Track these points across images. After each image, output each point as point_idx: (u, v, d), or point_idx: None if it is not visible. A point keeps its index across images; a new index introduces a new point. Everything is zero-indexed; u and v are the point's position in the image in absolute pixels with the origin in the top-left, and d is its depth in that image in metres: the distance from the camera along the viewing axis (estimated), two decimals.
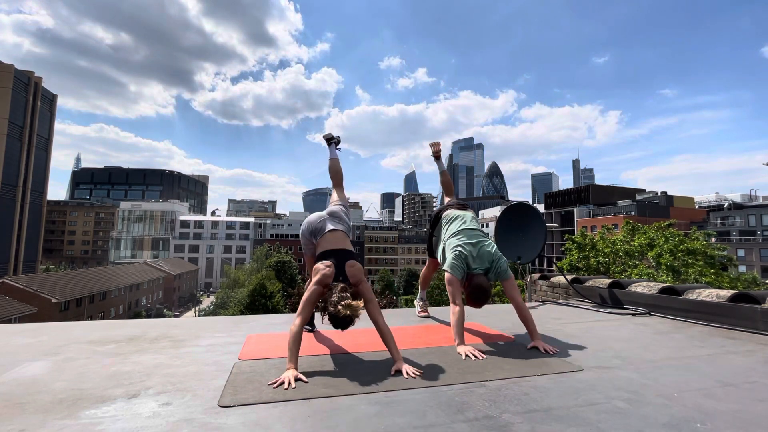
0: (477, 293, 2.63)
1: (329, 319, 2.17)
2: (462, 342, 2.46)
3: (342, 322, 2.13)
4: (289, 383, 1.84)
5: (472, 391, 1.81)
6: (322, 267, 2.33)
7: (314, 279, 2.31)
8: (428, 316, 3.63)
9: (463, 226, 2.92)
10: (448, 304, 2.82)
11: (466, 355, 2.32)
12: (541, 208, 68.86)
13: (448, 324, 3.00)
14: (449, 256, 2.75)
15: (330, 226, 2.63)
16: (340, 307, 2.10)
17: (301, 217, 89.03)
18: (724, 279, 12.67)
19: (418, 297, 3.85)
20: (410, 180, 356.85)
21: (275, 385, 1.83)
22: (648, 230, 14.61)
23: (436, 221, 3.30)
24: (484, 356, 2.32)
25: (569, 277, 4.81)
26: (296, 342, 2.04)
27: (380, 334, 2.22)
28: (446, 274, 2.72)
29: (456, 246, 2.76)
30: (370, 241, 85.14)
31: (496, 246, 2.81)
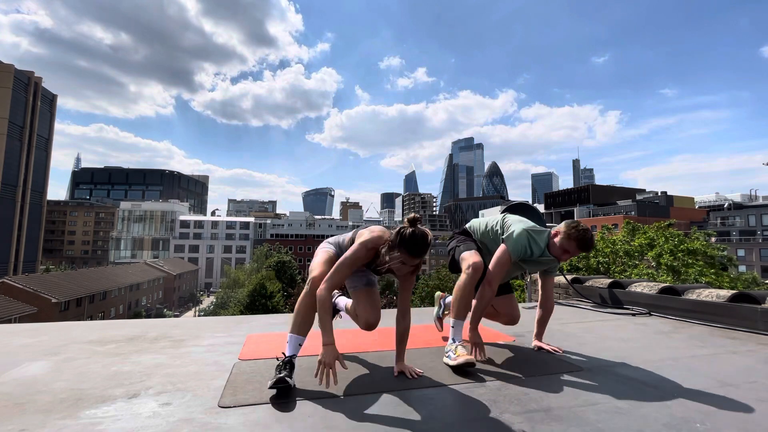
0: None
1: (401, 243, 1.78)
2: (476, 329, 2.28)
3: (421, 240, 1.78)
4: (330, 371, 1.65)
5: (472, 391, 1.81)
6: (380, 231, 1.97)
7: (361, 240, 1.91)
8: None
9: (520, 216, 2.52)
10: None
11: (474, 345, 2.23)
12: (541, 208, 68.86)
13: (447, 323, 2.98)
14: (516, 231, 2.29)
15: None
16: (415, 228, 1.79)
17: (301, 217, 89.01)
18: (724, 279, 12.66)
19: (439, 312, 2.93)
20: (410, 180, 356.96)
21: (321, 378, 1.66)
22: (648, 230, 14.61)
23: (465, 233, 2.72)
24: (484, 356, 2.28)
25: (569, 277, 4.81)
26: (327, 310, 1.77)
27: (402, 332, 1.99)
28: (501, 251, 2.30)
29: (524, 225, 2.32)
30: None
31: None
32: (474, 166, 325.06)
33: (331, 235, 2.33)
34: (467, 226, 2.75)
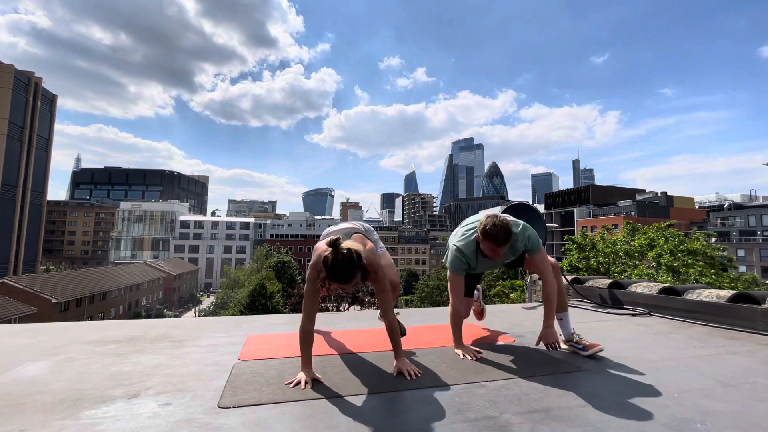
0: None
1: (324, 268, 1.79)
2: (460, 343, 2.45)
3: (342, 265, 1.76)
4: (306, 384, 1.82)
5: (472, 391, 1.81)
6: (322, 245, 1.94)
7: (311, 262, 2.00)
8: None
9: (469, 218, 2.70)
10: (446, 304, 2.81)
11: (464, 355, 2.32)
12: (541, 208, 68.85)
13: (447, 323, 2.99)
14: (449, 253, 2.57)
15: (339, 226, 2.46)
16: (340, 249, 1.77)
17: (301, 217, 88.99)
18: (724, 279, 12.66)
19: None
20: (410, 180, 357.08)
21: (292, 385, 1.83)
22: (648, 230, 14.61)
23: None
24: (481, 354, 2.33)
25: (569, 277, 4.81)
26: (306, 341, 1.93)
27: (387, 327, 2.06)
28: (448, 272, 2.58)
29: (460, 238, 2.52)
30: None
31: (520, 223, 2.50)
32: (474, 166, 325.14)
33: None
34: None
